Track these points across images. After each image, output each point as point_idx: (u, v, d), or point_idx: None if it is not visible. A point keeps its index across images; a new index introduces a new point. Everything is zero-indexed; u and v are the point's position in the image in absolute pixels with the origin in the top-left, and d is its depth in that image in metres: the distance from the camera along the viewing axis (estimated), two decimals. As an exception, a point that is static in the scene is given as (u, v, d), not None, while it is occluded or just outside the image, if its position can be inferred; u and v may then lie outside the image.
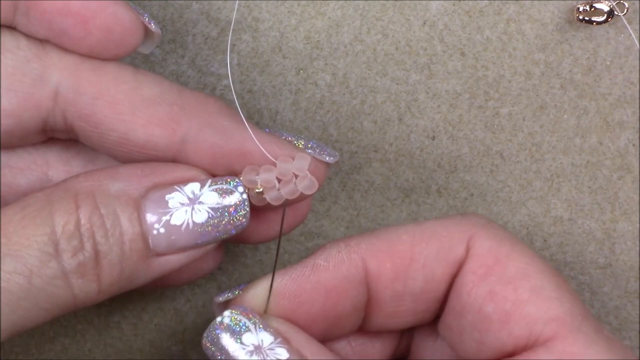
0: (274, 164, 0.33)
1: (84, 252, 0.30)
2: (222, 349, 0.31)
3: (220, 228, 0.32)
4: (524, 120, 0.40)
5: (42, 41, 0.33)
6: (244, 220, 0.33)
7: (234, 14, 0.38)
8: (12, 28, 0.33)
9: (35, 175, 0.35)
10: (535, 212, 0.41)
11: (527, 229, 0.42)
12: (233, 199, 0.32)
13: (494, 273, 0.33)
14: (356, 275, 0.33)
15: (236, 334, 0.31)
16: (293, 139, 0.34)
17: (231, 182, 0.33)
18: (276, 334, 0.32)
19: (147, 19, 0.34)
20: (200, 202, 0.32)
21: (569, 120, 0.40)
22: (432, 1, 0.39)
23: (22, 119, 0.33)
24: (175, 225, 0.32)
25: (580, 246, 0.42)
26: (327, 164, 0.35)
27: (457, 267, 0.34)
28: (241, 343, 0.31)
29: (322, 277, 0.33)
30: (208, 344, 0.32)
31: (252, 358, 0.31)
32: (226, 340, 0.31)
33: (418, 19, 0.39)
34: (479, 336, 0.33)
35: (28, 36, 0.33)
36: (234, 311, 0.32)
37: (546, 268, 0.34)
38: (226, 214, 0.32)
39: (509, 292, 0.33)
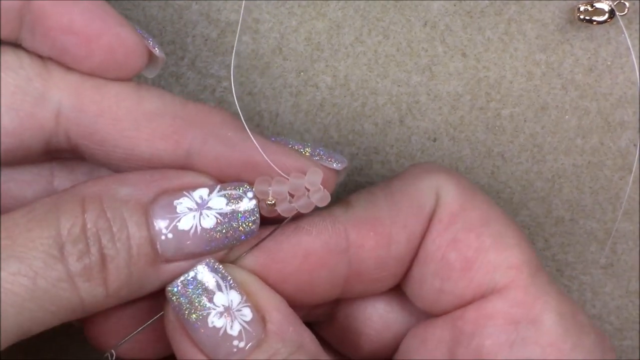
0: (282, 176, 0.33)
1: (89, 255, 0.30)
2: (192, 307, 0.31)
3: (229, 234, 0.32)
4: (525, 121, 0.40)
5: (45, 59, 0.33)
6: (253, 226, 0.32)
7: (241, 11, 0.38)
8: (15, 45, 0.33)
9: (41, 186, 0.35)
10: (537, 213, 0.41)
11: (529, 229, 0.42)
12: (242, 204, 0.32)
13: (458, 220, 0.34)
14: (338, 245, 0.34)
15: (208, 292, 0.32)
16: (300, 146, 0.34)
17: (240, 188, 0.32)
18: (241, 290, 0.32)
19: (151, 43, 0.34)
20: (208, 208, 0.32)
21: (570, 121, 0.40)
22: (433, 2, 0.39)
23: (24, 138, 0.33)
24: (183, 231, 0.31)
25: (581, 246, 0.42)
26: (336, 171, 0.34)
27: (431, 220, 0.34)
28: (212, 303, 0.31)
29: (303, 240, 0.33)
30: (175, 297, 0.31)
31: (220, 320, 0.31)
32: (196, 298, 0.31)
33: (419, 19, 0.39)
34: (439, 284, 0.34)
35: (31, 54, 0.33)
36: (206, 267, 0.32)
37: (505, 216, 0.34)
38: (235, 219, 0.32)
39: (472, 239, 0.33)
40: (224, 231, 0.32)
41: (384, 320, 0.36)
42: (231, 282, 0.32)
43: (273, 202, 0.33)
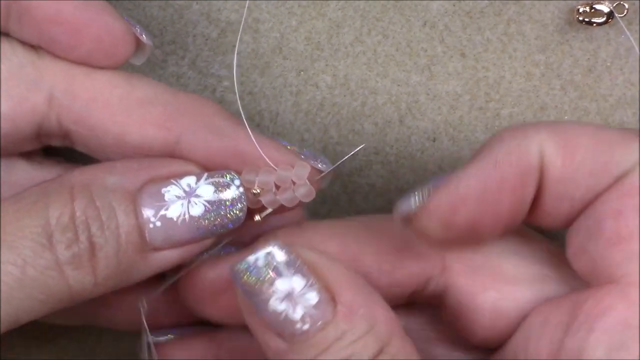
0: (272, 167, 0.33)
1: (78, 244, 0.30)
2: (255, 288, 0.31)
3: (217, 222, 0.32)
4: (524, 121, 0.40)
5: (36, 47, 0.33)
6: (240, 214, 0.33)
7: (245, 11, 0.38)
8: (6, 34, 0.33)
9: None
10: (536, 214, 0.41)
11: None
12: (230, 192, 0.32)
13: (635, 195, 0.32)
14: (535, 167, 0.32)
15: (271, 275, 0.30)
16: (287, 145, 0.35)
17: (227, 176, 0.33)
18: (307, 273, 0.31)
19: (138, 31, 0.34)
20: (196, 195, 0.32)
21: (569, 122, 0.40)
22: (432, 2, 0.39)
23: (17, 124, 0.33)
24: (171, 219, 0.32)
25: (581, 248, 0.42)
26: (321, 173, 0.35)
27: (617, 180, 0.32)
28: (275, 286, 0.30)
29: (506, 171, 0.32)
30: (240, 276, 0.31)
31: (282, 304, 0.30)
32: (259, 280, 0.31)
33: (418, 19, 0.39)
34: (583, 242, 0.32)
35: (22, 42, 0.33)
36: (273, 248, 0.31)
37: None
38: (222, 207, 0.32)
39: (635, 221, 0.31)
40: (211, 219, 0.32)
41: (496, 309, 0.35)
42: (298, 264, 0.31)
43: (258, 191, 0.33)
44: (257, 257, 0.31)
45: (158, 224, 0.31)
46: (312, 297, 0.30)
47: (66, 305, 0.31)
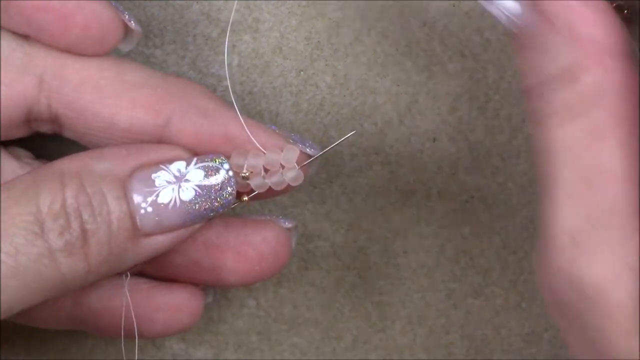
0: (261, 150, 0.34)
1: (71, 231, 0.30)
2: None
3: (207, 206, 0.32)
4: (523, 121, 0.40)
5: (25, 36, 0.34)
6: (230, 197, 0.33)
7: (232, 14, 0.38)
8: None
9: None
10: (536, 214, 0.41)
11: (528, 231, 0.42)
12: (220, 176, 0.33)
13: None
14: None
15: None
16: (275, 129, 0.35)
17: (217, 160, 0.33)
18: None
19: (127, 17, 0.34)
20: (186, 180, 0.32)
21: (569, 122, 0.40)
22: (432, 2, 0.39)
23: (8, 108, 0.33)
24: (162, 204, 0.32)
25: (581, 248, 0.42)
26: (309, 157, 0.35)
27: None
28: None
29: None
30: None
31: None
32: None
33: (418, 19, 0.39)
34: None
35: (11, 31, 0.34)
36: None
37: None
38: (213, 191, 0.33)
39: None
40: (202, 203, 0.32)
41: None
42: None
43: (247, 174, 0.33)
44: None
45: (149, 209, 0.32)
46: None
47: (59, 293, 0.31)
